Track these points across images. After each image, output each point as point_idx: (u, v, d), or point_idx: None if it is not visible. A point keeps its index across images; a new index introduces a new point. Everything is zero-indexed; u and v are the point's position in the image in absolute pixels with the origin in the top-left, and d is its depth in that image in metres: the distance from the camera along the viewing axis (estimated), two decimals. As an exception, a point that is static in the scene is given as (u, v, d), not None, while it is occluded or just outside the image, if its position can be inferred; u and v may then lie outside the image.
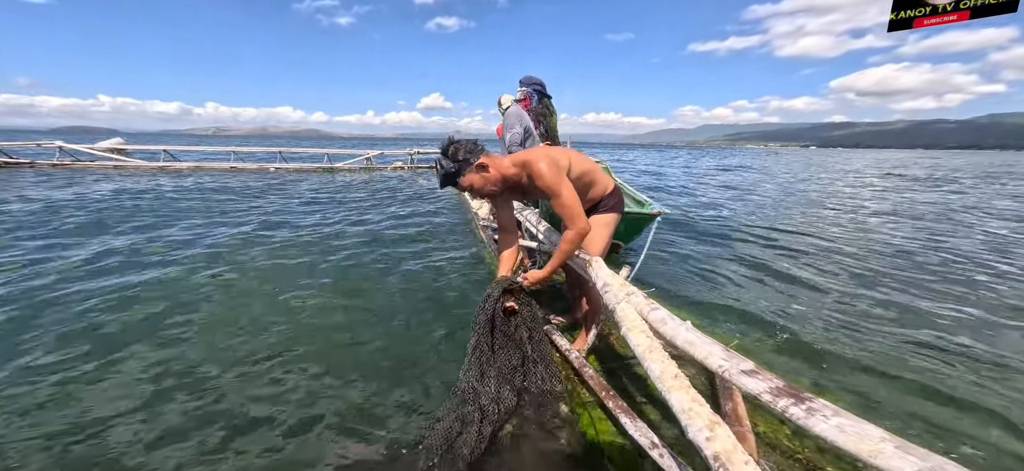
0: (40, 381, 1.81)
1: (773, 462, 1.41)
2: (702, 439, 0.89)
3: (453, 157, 1.57)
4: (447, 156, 1.58)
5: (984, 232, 5.73)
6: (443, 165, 1.59)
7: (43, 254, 3.53)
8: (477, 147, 1.61)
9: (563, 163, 1.66)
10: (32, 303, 2.57)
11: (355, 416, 1.65)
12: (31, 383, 1.80)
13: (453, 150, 1.58)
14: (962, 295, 3.17)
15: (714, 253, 4.36)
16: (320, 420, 1.63)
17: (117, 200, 6.35)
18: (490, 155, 1.64)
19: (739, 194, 10.00)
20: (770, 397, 0.82)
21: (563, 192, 1.56)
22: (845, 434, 0.67)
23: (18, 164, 10.65)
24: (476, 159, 1.58)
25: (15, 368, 1.90)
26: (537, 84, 3.18)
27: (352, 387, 1.84)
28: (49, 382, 1.80)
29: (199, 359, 2.01)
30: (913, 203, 8.67)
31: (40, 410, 1.64)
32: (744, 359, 0.94)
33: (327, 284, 3.06)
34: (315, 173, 11.95)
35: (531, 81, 3.16)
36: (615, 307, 1.38)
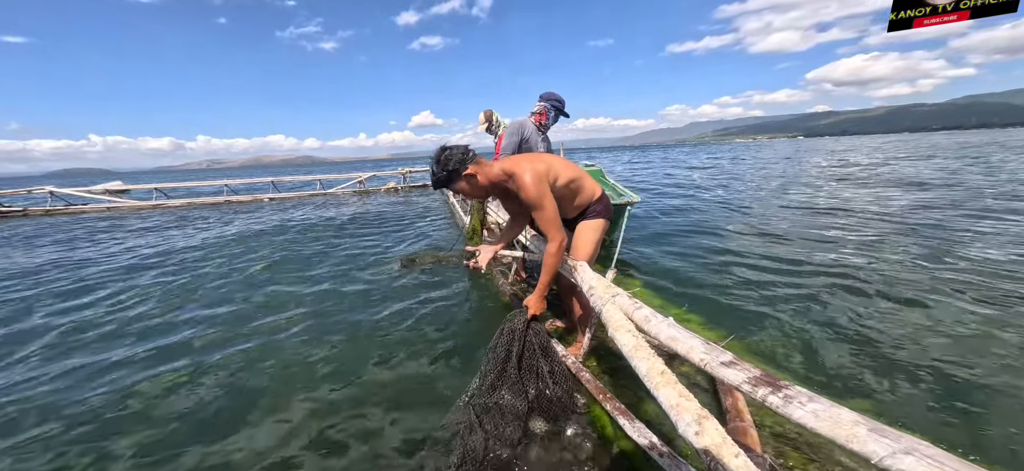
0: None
1: (770, 452, 1.39)
2: (691, 434, 0.89)
3: (445, 164, 1.64)
4: (439, 163, 1.66)
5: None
6: (436, 171, 1.67)
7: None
8: (467, 155, 1.67)
9: (548, 174, 1.69)
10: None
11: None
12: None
13: (445, 158, 1.65)
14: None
15: (725, 247, 4.38)
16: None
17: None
18: (479, 163, 1.68)
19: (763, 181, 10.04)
20: (749, 386, 0.82)
21: (545, 205, 1.61)
22: (819, 419, 0.67)
23: (10, 213, 10.63)
24: (465, 169, 1.64)
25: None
26: (556, 100, 3.05)
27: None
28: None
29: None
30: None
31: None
32: (724, 352, 0.94)
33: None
34: (311, 199, 11.95)
35: (551, 97, 3.03)
36: (601, 309, 1.38)
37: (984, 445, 1.51)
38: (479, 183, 1.67)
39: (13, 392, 2.12)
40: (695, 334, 1.05)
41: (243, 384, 2.10)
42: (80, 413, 1.92)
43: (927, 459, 0.57)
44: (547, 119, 3.03)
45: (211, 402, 1.96)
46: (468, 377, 1.90)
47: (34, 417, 1.91)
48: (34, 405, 2.00)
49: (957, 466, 0.55)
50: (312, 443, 1.65)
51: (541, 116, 3.03)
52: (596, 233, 1.89)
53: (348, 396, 1.95)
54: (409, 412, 1.81)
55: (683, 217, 6.46)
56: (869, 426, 0.63)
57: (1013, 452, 1.47)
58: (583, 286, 1.60)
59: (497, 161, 1.84)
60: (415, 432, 1.68)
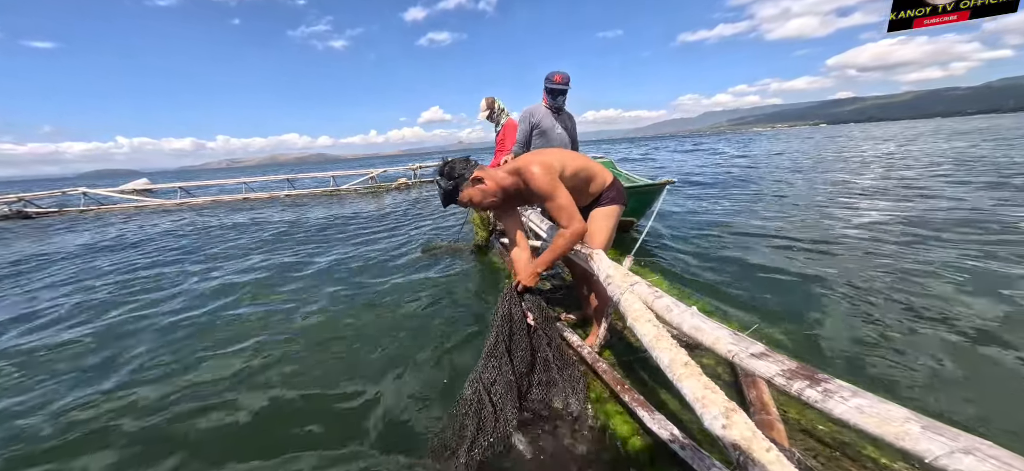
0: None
1: (800, 447, 1.34)
2: (718, 427, 0.85)
3: (449, 175, 1.61)
4: (443, 175, 1.62)
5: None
6: (442, 185, 1.62)
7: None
8: (470, 163, 1.64)
9: (556, 165, 1.66)
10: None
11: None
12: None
13: (448, 168, 1.62)
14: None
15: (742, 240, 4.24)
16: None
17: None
18: (484, 168, 1.65)
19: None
20: (783, 380, 0.77)
21: (558, 193, 1.58)
22: (865, 415, 0.62)
23: (47, 213, 11.19)
24: (470, 174, 1.60)
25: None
26: (547, 81, 2.84)
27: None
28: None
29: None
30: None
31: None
32: (754, 342, 0.89)
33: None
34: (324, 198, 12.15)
35: (546, 77, 2.87)
36: (619, 298, 1.33)
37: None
38: (488, 187, 1.60)
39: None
40: (721, 324, 1.00)
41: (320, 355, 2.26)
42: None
43: (990, 459, 0.51)
44: (546, 102, 2.93)
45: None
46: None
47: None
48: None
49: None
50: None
51: (543, 101, 2.97)
52: (609, 220, 1.85)
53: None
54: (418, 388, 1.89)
55: (697, 203, 6.29)
56: (922, 424, 0.58)
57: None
58: (600, 275, 1.56)
59: (500, 167, 1.81)
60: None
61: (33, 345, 2.70)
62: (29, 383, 2.21)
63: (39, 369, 2.37)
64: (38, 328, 3.01)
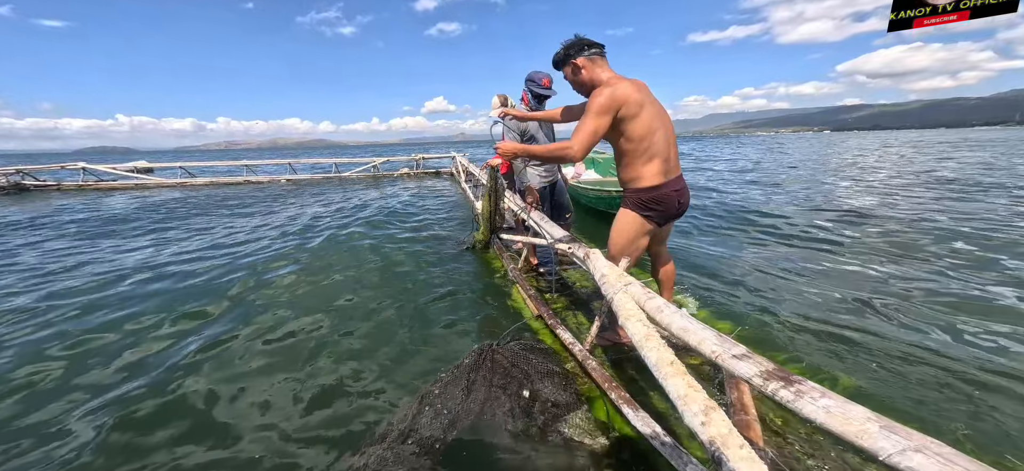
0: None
1: (773, 447, 1.39)
2: (697, 424, 0.90)
3: (568, 48, 1.74)
4: (564, 45, 1.76)
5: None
6: (559, 52, 1.78)
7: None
8: (587, 50, 1.72)
9: (625, 107, 1.57)
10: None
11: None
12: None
13: (570, 42, 1.75)
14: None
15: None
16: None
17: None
18: (594, 62, 1.72)
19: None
20: (760, 380, 0.82)
21: (588, 120, 1.56)
22: (830, 415, 0.67)
23: (46, 187, 11.15)
24: (578, 57, 1.71)
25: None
26: (530, 81, 2.66)
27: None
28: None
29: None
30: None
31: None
32: (736, 344, 0.94)
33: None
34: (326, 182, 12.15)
35: (530, 78, 2.68)
36: (612, 297, 1.39)
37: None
38: (582, 77, 1.73)
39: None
40: (707, 326, 1.05)
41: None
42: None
43: (937, 457, 0.57)
44: (528, 104, 2.71)
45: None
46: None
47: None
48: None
49: (967, 465, 0.55)
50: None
51: (523, 100, 2.75)
52: (629, 226, 1.69)
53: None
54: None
55: (699, 203, 6.34)
56: (881, 423, 0.63)
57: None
58: (595, 274, 1.61)
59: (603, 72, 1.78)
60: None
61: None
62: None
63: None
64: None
